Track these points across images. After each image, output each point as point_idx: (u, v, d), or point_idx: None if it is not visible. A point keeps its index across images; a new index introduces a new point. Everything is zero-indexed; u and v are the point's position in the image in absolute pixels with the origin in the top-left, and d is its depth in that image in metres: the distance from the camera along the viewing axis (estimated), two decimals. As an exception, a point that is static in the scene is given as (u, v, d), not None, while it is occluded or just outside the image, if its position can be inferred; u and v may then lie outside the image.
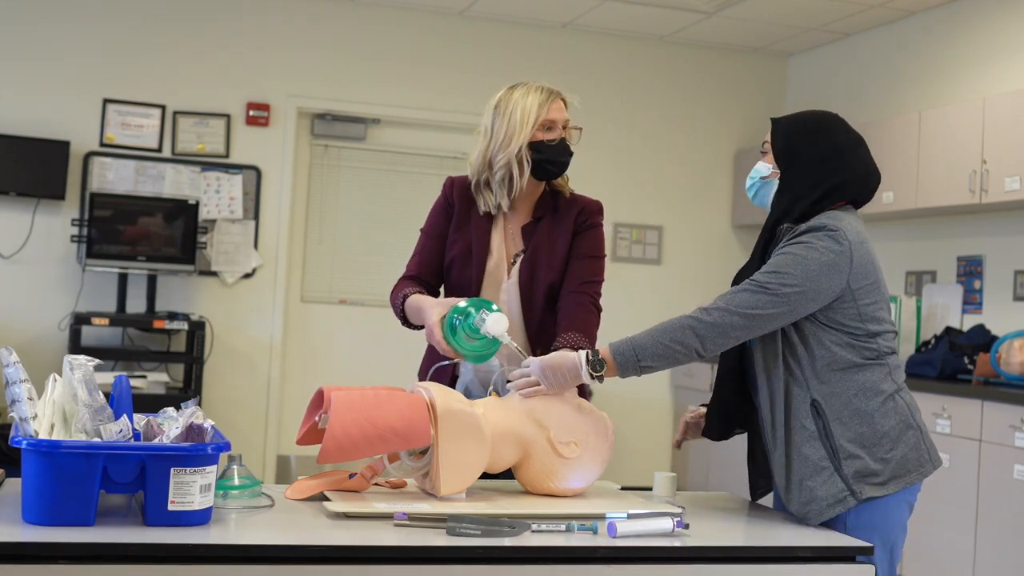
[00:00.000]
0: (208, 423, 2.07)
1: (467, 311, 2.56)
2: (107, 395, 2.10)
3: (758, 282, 2.32)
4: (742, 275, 2.47)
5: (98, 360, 2.12)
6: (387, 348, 6.61)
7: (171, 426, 2.07)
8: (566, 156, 2.83)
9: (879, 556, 2.29)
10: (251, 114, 6.67)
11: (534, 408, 2.42)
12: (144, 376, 6.03)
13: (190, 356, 6.28)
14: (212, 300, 6.59)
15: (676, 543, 2.11)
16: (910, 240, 6.33)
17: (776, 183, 2.47)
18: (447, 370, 2.84)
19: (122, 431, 2.00)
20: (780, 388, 2.37)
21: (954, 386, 5.00)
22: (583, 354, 2.40)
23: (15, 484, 2.11)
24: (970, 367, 5.19)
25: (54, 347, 6.19)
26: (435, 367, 2.81)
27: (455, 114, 6.92)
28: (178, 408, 2.16)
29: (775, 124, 2.50)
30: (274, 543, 1.95)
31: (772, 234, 2.44)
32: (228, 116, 6.65)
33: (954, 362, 5.23)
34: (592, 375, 2.39)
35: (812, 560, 2.15)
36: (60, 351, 6.05)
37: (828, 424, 2.33)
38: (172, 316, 6.18)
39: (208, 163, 6.60)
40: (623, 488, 2.64)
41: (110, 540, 1.84)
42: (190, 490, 1.94)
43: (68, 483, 1.88)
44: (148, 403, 3.57)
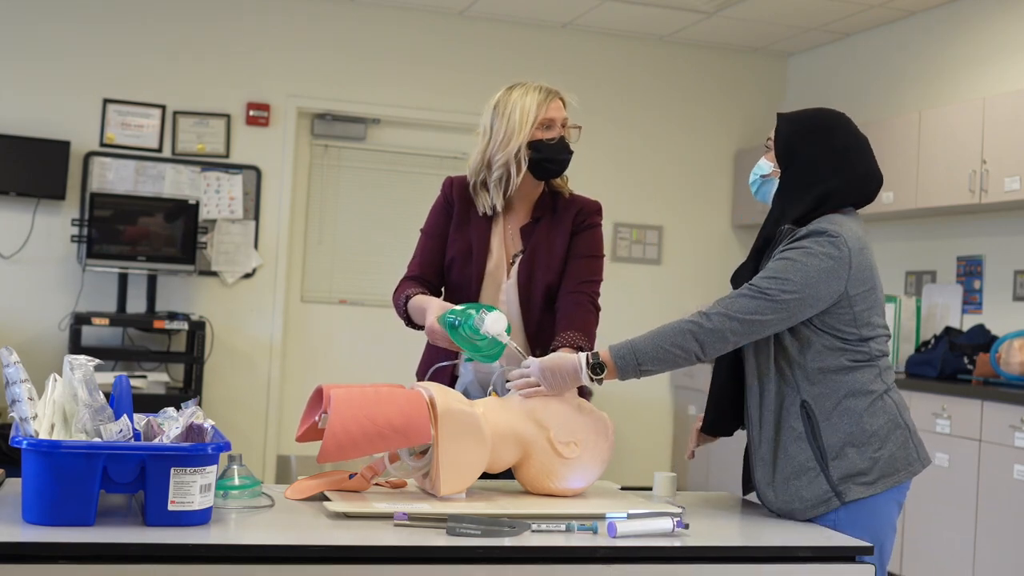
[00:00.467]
0: (208, 423, 2.07)
1: (467, 312, 2.56)
2: (107, 395, 2.10)
3: (758, 287, 2.32)
4: (739, 273, 2.47)
5: (98, 360, 2.12)
6: (387, 348, 6.62)
7: (171, 426, 2.07)
8: (565, 155, 2.83)
9: (867, 554, 2.29)
10: (251, 114, 6.67)
11: (534, 408, 2.41)
12: (144, 376, 6.04)
13: (190, 356, 6.28)
14: (212, 300, 6.59)
15: (676, 543, 2.11)
16: (910, 240, 6.33)
17: (777, 182, 2.47)
18: (446, 370, 2.84)
19: (122, 431, 2.00)
20: (771, 389, 2.38)
21: (954, 386, 5.00)
22: (583, 356, 2.40)
23: (15, 484, 2.11)
24: (970, 367, 5.19)
25: (54, 347, 6.20)
26: (435, 367, 2.81)
27: (455, 114, 6.92)
28: (178, 408, 2.16)
29: (779, 120, 2.49)
30: (274, 543, 1.95)
31: (772, 233, 2.44)
32: (228, 116, 6.65)
33: (954, 362, 5.23)
34: (592, 378, 2.39)
35: (812, 560, 2.15)
36: (60, 351, 6.06)
37: (817, 425, 2.34)
38: (172, 316, 6.19)
39: (208, 163, 6.60)
40: (623, 488, 2.63)
41: (110, 540, 1.84)
42: (190, 490, 1.94)
43: (68, 483, 1.88)
44: (148, 403, 3.57)
